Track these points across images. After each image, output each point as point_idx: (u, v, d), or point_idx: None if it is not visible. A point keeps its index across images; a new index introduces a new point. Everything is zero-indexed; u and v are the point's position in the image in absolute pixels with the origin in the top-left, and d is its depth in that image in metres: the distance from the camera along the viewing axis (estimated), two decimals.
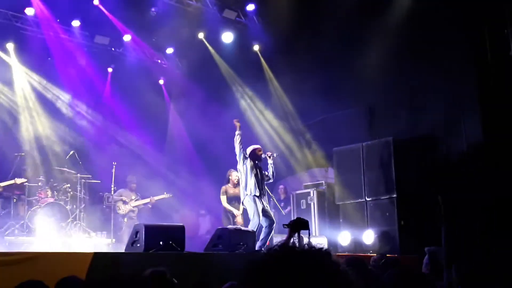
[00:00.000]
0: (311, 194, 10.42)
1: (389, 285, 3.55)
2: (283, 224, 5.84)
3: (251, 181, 8.80)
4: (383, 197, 9.71)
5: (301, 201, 10.57)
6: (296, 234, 5.15)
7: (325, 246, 8.46)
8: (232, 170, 9.97)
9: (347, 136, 11.14)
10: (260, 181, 8.88)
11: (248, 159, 8.90)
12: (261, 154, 9.11)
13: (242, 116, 12.03)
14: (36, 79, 13.14)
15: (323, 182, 10.89)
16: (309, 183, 11.02)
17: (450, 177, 9.35)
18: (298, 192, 10.87)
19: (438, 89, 9.84)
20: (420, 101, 10.08)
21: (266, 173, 9.13)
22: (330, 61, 11.12)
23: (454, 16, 9.70)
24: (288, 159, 11.56)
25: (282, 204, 10.93)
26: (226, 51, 13.29)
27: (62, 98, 13.38)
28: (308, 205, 10.40)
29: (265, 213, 8.56)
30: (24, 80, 12.96)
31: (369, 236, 9.27)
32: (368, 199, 9.89)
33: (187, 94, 14.12)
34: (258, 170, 8.96)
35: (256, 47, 12.99)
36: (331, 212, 10.33)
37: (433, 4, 9.87)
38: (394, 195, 9.52)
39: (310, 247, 1.38)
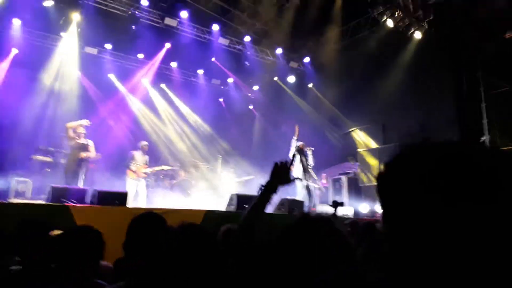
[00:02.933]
0: (342, 179, 10.41)
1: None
2: (329, 204, 6.02)
3: (299, 168, 8.89)
4: None
5: (336, 183, 10.55)
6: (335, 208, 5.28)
7: (351, 213, 8.68)
8: None
9: (368, 142, 11.24)
10: (306, 167, 8.94)
11: (297, 152, 8.85)
12: (303, 148, 9.04)
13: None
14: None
15: (352, 171, 10.79)
16: (342, 172, 10.95)
17: None
18: (334, 177, 10.82)
19: (430, 111, 9.64)
20: (417, 120, 9.87)
21: (309, 163, 9.07)
22: (357, 91, 10.95)
23: (443, 62, 9.57)
24: (329, 155, 11.35)
25: (323, 182, 10.88)
26: (291, 87, 13.57)
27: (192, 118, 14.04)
28: (341, 186, 10.38)
29: (308, 189, 8.57)
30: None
31: (379, 206, 9.29)
32: None
33: (267, 114, 14.41)
34: (303, 160, 8.91)
35: (310, 85, 13.14)
36: (356, 191, 10.24)
37: (429, 53, 9.68)
38: None
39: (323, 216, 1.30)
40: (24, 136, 9.36)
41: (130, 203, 7.22)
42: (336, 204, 5.32)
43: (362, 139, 11.32)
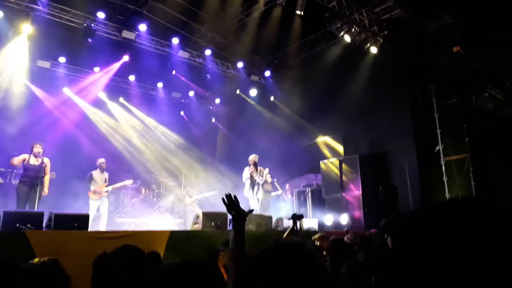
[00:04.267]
0: (307, 191, 10.47)
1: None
2: (288, 218, 5.98)
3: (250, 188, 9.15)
4: (353, 193, 9.75)
5: (301, 195, 10.60)
6: (296, 222, 5.23)
7: (316, 225, 8.72)
8: None
9: (330, 153, 11.49)
10: (255, 184, 9.16)
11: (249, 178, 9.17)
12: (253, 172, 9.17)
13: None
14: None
15: (314, 183, 10.86)
16: (305, 184, 11.00)
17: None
18: (299, 189, 10.84)
19: (388, 122, 9.87)
20: (376, 131, 10.15)
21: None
22: (318, 103, 11.15)
23: (399, 75, 9.94)
24: (292, 166, 11.37)
25: (288, 196, 10.86)
26: (253, 99, 13.51)
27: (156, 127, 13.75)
28: (305, 198, 10.44)
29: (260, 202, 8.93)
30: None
31: (344, 218, 9.25)
32: (343, 194, 10.00)
33: (229, 126, 14.31)
34: (254, 181, 9.16)
35: (272, 98, 13.14)
36: (320, 203, 10.29)
37: (385, 66, 10.01)
38: (360, 191, 9.61)
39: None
40: None
41: (92, 225, 6.87)
42: (295, 217, 5.31)
43: (325, 150, 11.47)
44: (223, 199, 2.20)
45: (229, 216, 2.22)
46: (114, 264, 2.11)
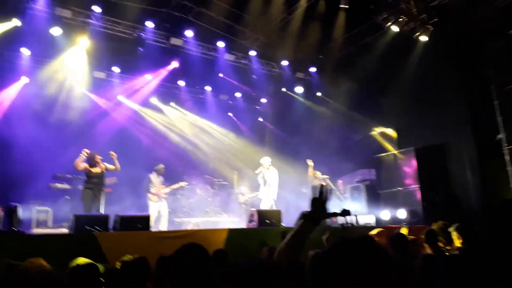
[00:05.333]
0: (361, 187, 10.23)
1: None
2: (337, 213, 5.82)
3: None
4: (410, 187, 9.50)
5: (354, 191, 10.38)
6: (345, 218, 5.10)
7: (373, 221, 8.50)
8: None
9: (384, 147, 11.11)
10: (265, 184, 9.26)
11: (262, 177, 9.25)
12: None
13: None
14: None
15: (368, 178, 10.61)
16: (359, 179, 10.76)
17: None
18: (352, 185, 10.64)
19: (443, 113, 9.44)
20: (431, 122, 9.71)
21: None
22: (368, 97, 10.87)
23: (452, 63, 9.49)
24: (344, 162, 11.06)
25: (342, 193, 10.67)
26: (300, 96, 13.40)
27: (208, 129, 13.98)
28: (359, 194, 10.21)
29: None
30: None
31: (402, 213, 8.93)
32: (399, 188, 9.78)
33: (277, 124, 14.28)
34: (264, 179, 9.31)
35: (319, 94, 13.00)
36: (375, 198, 10.04)
37: (437, 55, 9.62)
38: (418, 185, 9.34)
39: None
40: (42, 164, 9.31)
41: (153, 226, 7.15)
42: (345, 213, 5.20)
43: (378, 144, 11.16)
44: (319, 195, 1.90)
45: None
46: (179, 262, 2.21)
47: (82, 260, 2.78)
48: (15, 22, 9.04)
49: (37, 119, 10.06)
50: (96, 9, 9.79)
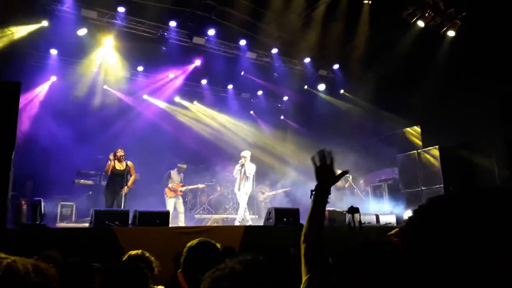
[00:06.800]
0: (383, 186, 10.06)
1: None
2: (343, 211, 5.66)
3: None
4: (433, 187, 9.27)
5: (376, 190, 10.22)
6: (351, 215, 4.94)
7: (394, 221, 8.29)
8: None
9: (407, 146, 10.89)
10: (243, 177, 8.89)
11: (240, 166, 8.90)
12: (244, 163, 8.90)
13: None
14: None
15: (391, 177, 10.41)
16: (381, 178, 10.59)
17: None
18: (374, 184, 10.49)
19: (470, 110, 9.01)
20: (457, 120, 9.38)
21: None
22: (392, 94, 10.54)
23: (481, 57, 9.10)
24: (367, 161, 10.82)
25: (363, 192, 10.54)
26: (322, 94, 13.33)
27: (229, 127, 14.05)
28: (381, 194, 10.05)
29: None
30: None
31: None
32: (423, 188, 9.57)
33: (299, 121, 14.21)
34: (241, 171, 8.91)
35: (342, 91, 12.87)
36: (397, 198, 9.85)
37: (465, 50, 9.15)
38: (442, 185, 9.11)
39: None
40: (66, 160, 9.60)
41: (171, 222, 7.22)
42: (352, 211, 5.04)
43: (402, 142, 10.89)
44: (315, 157, 1.78)
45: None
46: (191, 257, 2.23)
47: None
48: (44, 23, 9.32)
49: (63, 117, 10.36)
50: (121, 9, 9.97)
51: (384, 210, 9.43)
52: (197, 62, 12.10)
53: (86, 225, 6.71)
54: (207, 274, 0.98)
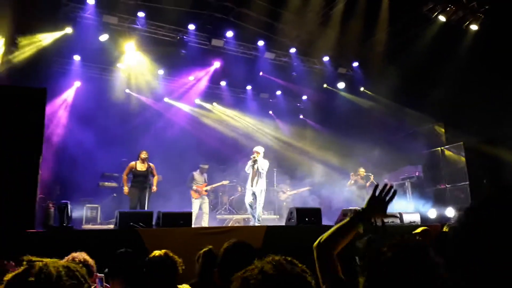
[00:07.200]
0: (406, 184, 9.89)
1: None
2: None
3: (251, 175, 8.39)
4: (458, 184, 9.13)
5: (400, 189, 9.88)
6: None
7: (418, 219, 8.14)
8: None
9: (431, 142, 10.70)
10: (256, 173, 8.23)
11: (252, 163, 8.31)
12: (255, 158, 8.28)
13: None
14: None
15: (415, 175, 10.21)
16: (404, 176, 10.41)
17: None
18: (397, 182, 10.29)
19: (495, 106, 8.83)
20: (482, 116, 9.13)
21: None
22: (413, 91, 10.37)
23: (506, 52, 8.87)
24: (390, 159, 10.71)
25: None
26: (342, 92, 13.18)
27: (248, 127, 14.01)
28: (405, 192, 9.87)
29: (254, 194, 8.07)
30: None
31: (450, 211, 8.56)
32: (448, 185, 9.38)
33: (319, 120, 14.10)
34: (254, 167, 8.25)
35: (362, 88, 12.71)
36: (421, 196, 9.66)
37: (489, 44, 8.97)
38: (467, 182, 8.96)
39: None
40: (91, 164, 9.82)
41: (194, 222, 7.31)
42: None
43: (425, 139, 10.68)
44: (378, 193, 1.76)
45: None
46: (228, 258, 2.37)
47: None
48: (67, 30, 9.56)
49: (87, 121, 10.59)
50: (141, 14, 10.13)
51: (408, 209, 9.26)
52: (217, 64, 12.18)
53: (111, 226, 6.85)
54: (237, 274, 1.01)
